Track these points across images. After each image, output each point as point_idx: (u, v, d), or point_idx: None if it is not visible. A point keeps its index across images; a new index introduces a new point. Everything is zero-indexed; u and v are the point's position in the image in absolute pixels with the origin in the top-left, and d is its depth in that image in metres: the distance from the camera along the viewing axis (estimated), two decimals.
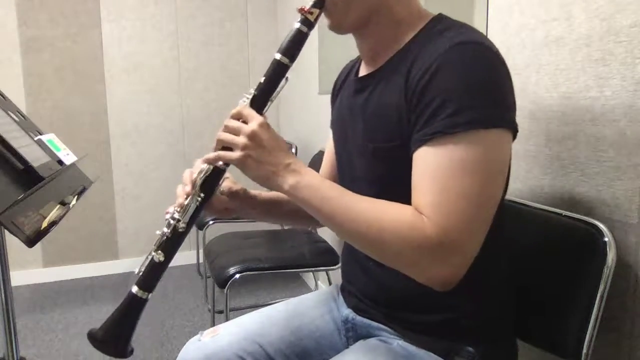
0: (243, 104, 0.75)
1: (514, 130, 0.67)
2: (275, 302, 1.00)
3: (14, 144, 0.99)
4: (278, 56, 0.75)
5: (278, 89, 0.76)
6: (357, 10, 0.75)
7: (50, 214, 0.94)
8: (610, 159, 0.84)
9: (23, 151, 1.00)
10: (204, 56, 3.00)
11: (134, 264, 3.12)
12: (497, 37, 1.11)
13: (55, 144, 1.25)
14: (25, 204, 0.88)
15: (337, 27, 0.78)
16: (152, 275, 0.77)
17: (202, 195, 0.76)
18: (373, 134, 0.76)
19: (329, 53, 2.23)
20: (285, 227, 2.66)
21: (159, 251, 0.76)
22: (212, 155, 0.74)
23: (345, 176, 0.88)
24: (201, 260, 2.93)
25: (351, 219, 0.67)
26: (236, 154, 0.71)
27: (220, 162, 0.75)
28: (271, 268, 1.75)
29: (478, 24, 1.17)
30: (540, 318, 0.85)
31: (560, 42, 0.94)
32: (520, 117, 1.04)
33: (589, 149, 0.88)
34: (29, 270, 2.79)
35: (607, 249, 0.76)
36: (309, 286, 2.74)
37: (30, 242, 0.83)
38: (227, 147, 0.73)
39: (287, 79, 0.76)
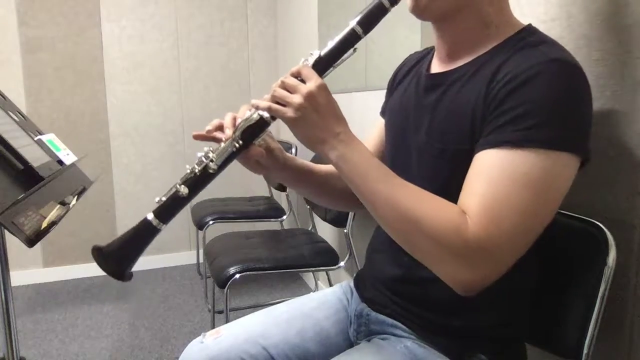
0: (305, 64, 0.73)
1: (585, 158, 0.66)
2: (276, 302, 1.00)
3: (14, 144, 0.99)
4: (353, 23, 0.72)
5: (344, 57, 0.74)
6: None
7: (50, 214, 0.94)
8: (611, 159, 0.84)
9: (23, 151, 1.00)
10: (204, 56, 3.00)
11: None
12: None
13: (55, 144, 1.25)
14: (25, 204, 0.88)
15: (421, 11, 0.74)
16: (171, 207, 0.75)
17: (240, 142, 0.75)
18: (442, 135, 0.73)
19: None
20: (286, 228, 2.66)
21: (184, 186, 0.74)
22: (264, 103, 0.72)
23: (397, 170, 0.87)
24: (201, 260, 2.93)
25: (391, 204, 0.65)
26: (289, 112, 0.69)
27: (267, 115, 0.73)
28: (271, 268, 1.75)
29: None
30: (540, 318, 0.85)
31: (560, 42, 0.93)
32: None
33: None
34: (29, 270, 2.79)
35: (607, 249, 0.76)
36: (309, 286, 2.74)
37: (30, 242, 0.83)
38: (280, 103, 0.71)
39: (355, 49, 0.74)
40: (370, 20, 0.72)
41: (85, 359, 2.00)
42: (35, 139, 1.16)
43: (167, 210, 0.75)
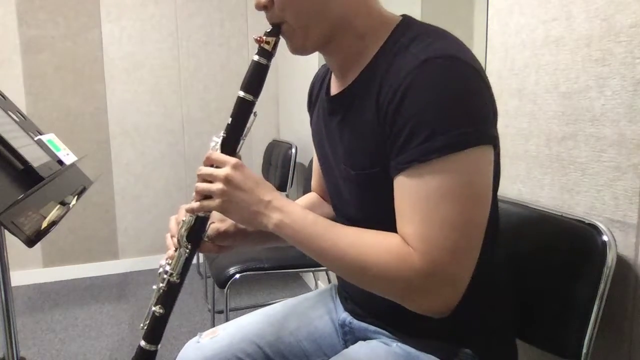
0: (214, 149, 0.74)
1: (494, 144, 0.65)
2: (275, 302, 1.00)
3: (14, 144, 0.99)
4: (242, 94, 0.73)
5: (248, 126, 0.75)
6: (317, 31, 0.71)
7: (50, 214, 0.94)
8: (610, 159, 0.84)
9: (23, 151, 1.00)
10: (204, 56, 3.00)
11: (134, 264, 3.13)
12: (497, 37, 1.11)
13: (55, 144, 1.25)
14: (25, 204, 0.88)
15: (300, 51, 0.75)
16: (156, 328, 0.79)
17: (189, 246, 0.77)
18: (353, 160, 0.73)
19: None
20: None
21: (158, 306, 0.78)
22: (194, 205, 0.73)
23: (332, 195, 0.87)
24: (201, 260, 2.93)
25: (338, 257, 0.66)
26: (215, 202, 0.70)
27: (202, 212, 0.75)
28: (271, 268, 1.75)
29: (478, 24, 1.17)
30: (540, 318, 0.85)
31: (560, 42, 0.94)
32: (520, 117, 1.04)
33: (589, 149, 0.88)
34: (29, 270, 2.79)
35: (607, 249, 0.76)
36: (309, 286, 2.74)
37: (30, 242, 0.83)
38: (206, 195, 0.72)
39: (255, 114, 0.75)
40: (255, 83, 0.74)
41: (85, 359, 2.01)
42: (35, 139, 1.16)
43: (154, 332, 0.79)
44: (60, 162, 1.20)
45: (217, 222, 0.86)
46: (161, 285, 0.78)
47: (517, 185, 1.06)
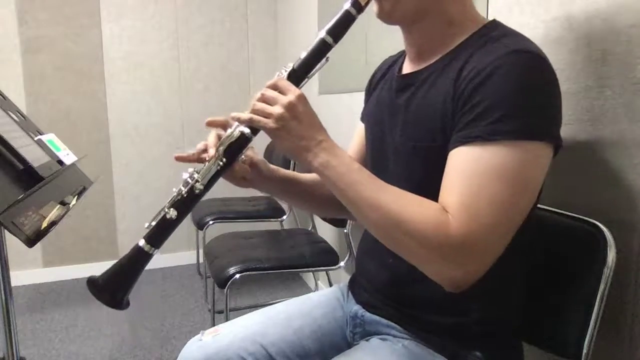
0: (280, 76, 0.74)
1: (556, 145, 0.67)
2: (275, 302, 1.00)
3: (14, 144, 0.99)
4: (323, 34, 0.73)
5: (317, 67, 0.75)
6: (409, 3, 0.73)
7: (50, 214, 0.94)
8: (611, 159, 0.84)
9: (23, 151, 1.00)
10: (204, 56, 3.00)
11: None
12: None
13: (55, 144, 1.25)
14: (25, 204, 0.88)
15: (387, 16, 0.76)
16: (161, 231, 0.76)
17: (224, 160, 0.75)
18: (414, 133, 0.75)
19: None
20: (286, 228, 2.66)
21: (172, 209, 0.75)
22: (245, 115, 0.73)
23: (376, 169, 0.86)
24: (201, 260, 2.93)
25: (375, 207, 0.66)
26: (270, 123, 0.70)
27: (248, 131, 0.74)
28: (271, 268, 1.75)
29: None
30: (540, 318, 0.85)
31: (560, 42, 0.94)
32: None
33: (589, 149, 0.88)
34: (29, 270, 2.79)
35: (607, 249, 0.76)
36: (309, 286, 2.74)
37: (30, 242, 0.83)
38: (261, 115, 0.71)
39: (327, 59, 0.75)
40: (339, 29, 0.74)
41: (85, 359, 2.01)
42: (35, 139, 1.16)
43: (158, 234, 0.76)
44: (60, 162, 1.20)
45: (251, 152, 0.86)
46: (182, 189, 0.76)
47: None
